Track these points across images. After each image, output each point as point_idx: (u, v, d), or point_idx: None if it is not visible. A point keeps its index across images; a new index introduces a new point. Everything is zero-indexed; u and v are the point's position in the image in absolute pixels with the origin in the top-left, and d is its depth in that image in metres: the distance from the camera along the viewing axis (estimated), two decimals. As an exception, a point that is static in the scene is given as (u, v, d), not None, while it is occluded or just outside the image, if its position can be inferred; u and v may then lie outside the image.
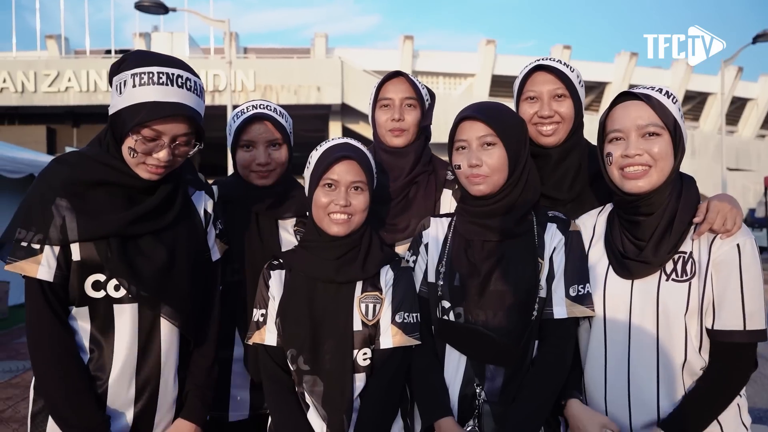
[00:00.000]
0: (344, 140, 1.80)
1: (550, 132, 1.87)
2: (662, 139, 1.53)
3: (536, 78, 1.90)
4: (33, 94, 21.21)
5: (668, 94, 1.57)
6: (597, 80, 30.17)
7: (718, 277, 1.50)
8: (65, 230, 1.47)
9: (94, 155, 1.54)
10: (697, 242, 1.55)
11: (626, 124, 1.55)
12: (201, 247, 1.72)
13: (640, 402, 1.56)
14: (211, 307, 1.75)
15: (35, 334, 1.49)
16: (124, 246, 1.51)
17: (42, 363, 1.50)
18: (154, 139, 1.47)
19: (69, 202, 1.48)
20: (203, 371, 1.71)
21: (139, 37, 25.92)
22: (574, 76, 1.89)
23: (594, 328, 1.64)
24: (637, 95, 1.57)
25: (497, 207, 1.69)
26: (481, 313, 1.65)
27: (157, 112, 1.44)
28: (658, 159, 1.52)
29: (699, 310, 1.51)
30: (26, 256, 1.46)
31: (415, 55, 28.73)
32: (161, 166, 1.51)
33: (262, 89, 21.54)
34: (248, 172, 1.97)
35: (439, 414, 1.66)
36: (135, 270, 1.51)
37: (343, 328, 1.67)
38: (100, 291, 1.51)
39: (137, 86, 1.45)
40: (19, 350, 6.78)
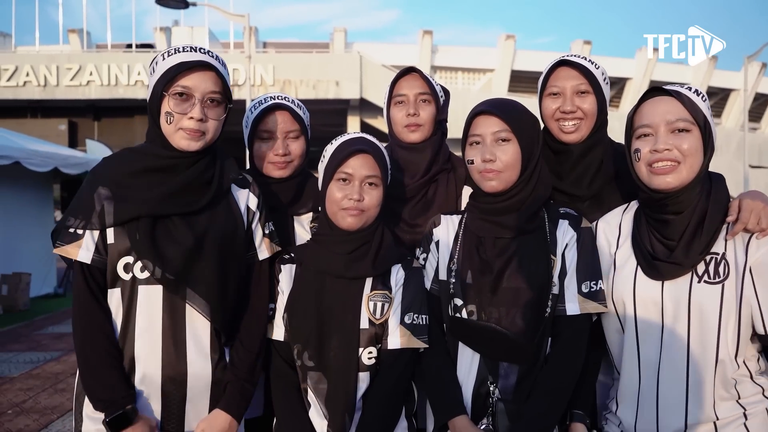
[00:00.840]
0: (360, 135, 1.79)
1: (572, 129, 1.86)
2: (692, 135, 1.50)
3: (560, 73, 1.89)
4: (55, 87, 21.48)
5: (698, 92, 1.55)
6: (617, 76, 29.81)
7: (760, 281, 1.47)
8: (103, 216, 1.60)
9: (138, 148, 1.70)
10: (731, 243, 1.51)
11: (655, 120, 1.53)
12: (239, 240, 1.73)
13: (668, 407, 1.54)
14: (255, 303, 1.76)
15: (75, 311, 1.62)
16: (153, 229, 1.60)
17: (77, 337, 1.61)
18: (187, 98, 1.60)
19: (109, 191, 1.61)
20: (245, 365, 1.71)
21: (159, 31, 26.11)
22: (599, 73, 1.88)
23: (627, 330, 1.62)
24: (667, 91, 1.54)
25: (509, 204, 1.68)
26: (494, 310, 1.64)
27: (185, 65, 1.59)
28: (688, 155, 1.49)
29: (737, 313, 1.48)
30: (71, 241, 1.60)
31: (434, 50, 28.61)
32: (196, 129, 1.61)
33: (281, 84, 21.60)
34: (266, 164, 1.97)
35: (454, 412, 1.66)
36: (160, 252, 1.58)
37: (350, 325, 1.67)
38: (129, 273, 1.61)
39: (166, 59, 1.61)
40: (40, 342, 6.89)
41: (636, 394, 1.60)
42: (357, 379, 1.66)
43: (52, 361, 5.99)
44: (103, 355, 1.59)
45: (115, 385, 1.57)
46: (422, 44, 27.89)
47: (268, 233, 1.82)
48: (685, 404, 1.52)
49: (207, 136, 1.64)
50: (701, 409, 1.51)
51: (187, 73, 1.59)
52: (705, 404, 1.50)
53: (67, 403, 4.68)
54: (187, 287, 1.62)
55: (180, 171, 1.65)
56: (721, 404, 1.51)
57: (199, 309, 1.63)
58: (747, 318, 1.49)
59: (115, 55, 22.83)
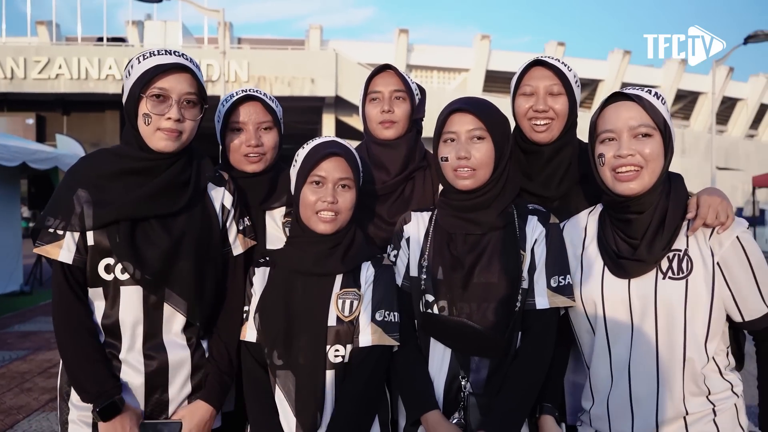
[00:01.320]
0: (331, 138, 1.81)
1: (544, 128, 1.89)
2: (654, 140, 1.54)
3: (534, 73, 1.92)
4: (23, 80, 21.03)
5: (657, 95, 1.59)
6: (590, 77, 30.23)
7: (730, 273, 1.52)
8: (83, 218, 1.64)
9: (115, 150, 1.75)
10: (693, 239, 1.56)
11: (618, 125, 1.56)
12: (215, 239, 1.79)
13: (641, 404, 1.57)
14: (231, 298, 1.81)
15: (56, 309, 1.67)
16: (132, 231, 1.65)
17: (60, 334, 1.67)
18: (163, 99, 1.64)
19: (88, 193, 1.65)
20: (224, 358, 1.78)
21: (131, 25, 25.72)
22: (571, 75, 1.92)
23: (597, 329, 1.65)
24: (628, 96, 1.58)
25: (479, 201, 1.71)
26: (465, 305, 1.66)
27: (160, 68, 1.64)
28: (650, 160, 1.53)
29: (705, 308, 1.53)
30: (51, 241, 1.65)
31: (410, 48, 28.70)
32: (174, 129, 1.65)
33: (255, 80, 21.45)
34: (239, 157, 1.96)
35: (426, 408, 1.66)
36: (139, 254, 1.64)
37: (318, 322, 1.68)
38: (110, 274, 1.66)
39: (142, 62, 1.66)
40: (5, 340, 6.75)
41: (608, 392, 1.62)
42: (325, 377, 1.66)
43: (18, 360, 5.87)
44: (89, 350, 1.65)
45: (103, 377, 1.63)
46: (398, 43, 27.95)
47: (242, 229, 1.87)
48: (656, 400, 1.55)
49: (183, 136, 1.68)
50: (671, 405, 1.54)
51: (164, 75, 1.64)
52: (675, 399, 1.54)
53: (34, 403, 4.60)
54: (165, 287, 1.68)
55: (157, 173, 1.69)
56: (691, 399, 1.54)
57: (177, 308, 1.70)
58: (719, 311, 1.54)
59: (85, 48, 22.42)
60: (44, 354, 6.01)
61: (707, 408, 1.54)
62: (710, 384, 1.55)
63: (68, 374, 1.68)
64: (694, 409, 1.54)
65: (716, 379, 1.56)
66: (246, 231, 1.88)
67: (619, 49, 30.30)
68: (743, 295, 1.53)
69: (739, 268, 1.52)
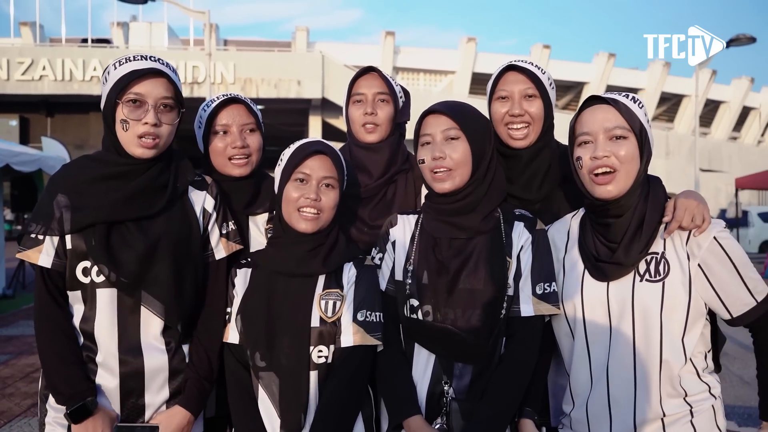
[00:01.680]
0: (317, 139, 1.82)
1: (521, 135, 1.90)
2: (628, 142, 1.56)
3: (508, 78, 1.93)
4: (6, 82, 20.79)
5: (635, 100, 1.61)
6: (575, 80, 30.47)
7: (713, 273, 1.54)
8: (62, 223, 1.66)
9: (94, 156, 1.77)
10: (670, 242, 1.58)
11: (594, 127, 1.58)
12: (194, 243, 1.78)
13: (619, 406, 1.58)
14: (212, 302, 1.81)
15: (36, 312, 1.70)
16: (108, 234, 1.66)
17: (39, 337, 1.69)
18: (140, 104, 1.65)
19: (67, 199, 1.67)
20: (204, 362, 1.77)
21: (117, 26, 25.53)
22: (545, 78, 1.92)
23: (576, 332, 1.66)
24: (605, 99, 1.60)
25: (462, 205, 1.71)
26: (449, 311, 1.65)
27: (136, 74, 1.65)
28: (624, 162, 1.55)
29: (682, 310, 1.54)
30: (32, 246, 1.68)
31: (396, 51, 28.75)
32: (151, 134, 1.66)
33: (241, 82, 21.39)
34: (223, 161, 1.95)
35: (408, 412, 1.66)
36: (114, 257, 1.65)
37: (301, 323, 1.67)
38: (87, 277, 1.68)
39: (118, 68, 1.68)
40: (-13, 343, 6.64)
41: (587, 396, 1.63)
42: (308, 378, 1.66)
43: (0, 365, 5.78)
44: (64, 353, 1.66)
45: (75, 380, 1.64)
46: (384, 45, 27.99)
47: (226, 233, 1.86)
48: (634, 402, 1.56)
49: (161, 141, 1.70)
50: (649, 406, 1.55)
51: (140, 81, 1.65)
52: (652, 401, 1.55)
53: (15, 408, 4.53)
54: (142, 290, 1.68)
55: (134, 177, 1.70)
56: (668, 401, 1.55)
57: (154, 310, 1.70)
58: (696, 314, 1.55)
59: (69, 50, 22.22)
60: (26, 359, 5.93)
61: (684, 409, 1.56)
62: (687, 386, 1.56)
63: (44, 376, 1.70)
64: (671, 410, 1.55)
65: (693, 380, 1.58)
66: (230, 235, 1.87)
67: (603, 52, 30.56)
68: (728, 292, 1.54)
69: (720, 268, 1.54)
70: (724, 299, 1.55)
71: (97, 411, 1.63)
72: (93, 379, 1.68)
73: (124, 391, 1.69)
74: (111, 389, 1.69)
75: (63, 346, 1.66)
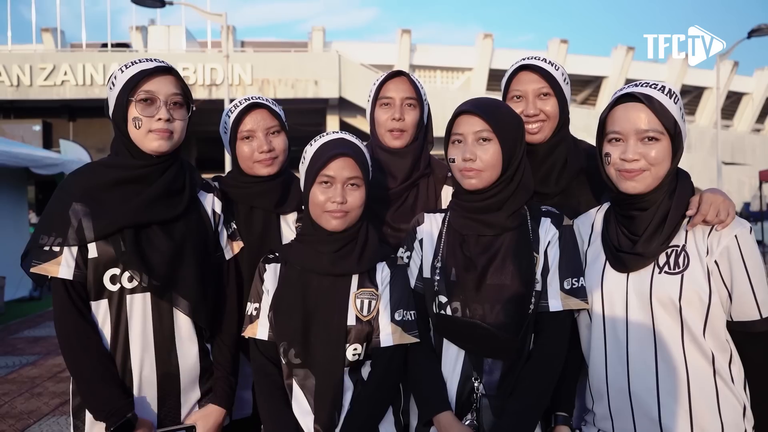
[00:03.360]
0: (339, 135, 1.80)
1: (536, 130, 1.90)
2: (660, 144, 1.54)
3: (521, 77, 1.93)
4: (28, 87, 21.13)
5: (670, 93, 1.57)
6: (594, 74, 30.17)
7: (727, 271, 1.52)
8: (81, 232, 1.63)
9: (106, 161, 1.76)
10: (691, 235, 1.56)
11: (626, 127, 1.56)
12: (210, 244, 1.83)
13: (641, 398, 1.57)
14: (226, 301, 1.86)
15: (61, 327, 1.65)
16: (136, 238, 1.66)
17: (68, 353, 1.65)
18: (151, 102, 1.67)
19: (84, 206, 1.65)
20: (227, 360, 1.82)
21: (135, 30, 25.82)
22: (559, 74, 1.91)
23: (594, 324, 1.66)
24: (638, 98, 1.56)
25: (490, 203, 1.70)
26: (478, 307, 1.65)
27: (145, 72, 1.67)
28: (655, 164, 1.54)
29: (701, 302, 1.52)
30: (48, 259, 1.64)
31: (413, 48, 28.69)
32: (165, 129, 1.68)
33: (259, 83, 21.49)
34: (252, 164, 1.97)
35: (438, 408, 1.67)
36: (145, 261, 1.66)
37: (337, 322, 1.68)
38: (116, 284, 1.66)
39: (124, 71, 1.69)
40: (15, 345, 6.78)
41: (606, 388, 1.63)
42: (344, 376, 1.67)
43: (29, 366, 5.89)
44: (98, 368, 1.64)
45: (114, 396, 1.63)
46: (401, 43, 27.95)
47: (231, 233, 1.93)
48: (657, 396, 1.55)
49: (175, 136, 1.72)
50: (673, 400, 1.53)
51: (149, 79, 1.68)
52: (677, 394, 1.53)
53: (44, 407, 4.62)
54: (173, 292, 1.71)
55: (152, 180, 1.71)
56: (694, 393, 1.53)
57: (184, 310, 1.72)
58: (717, 308, 1.53)
59: (90, 55, 22.50)
60: (54, 359, 6.03)
61: (713, 403, 1.53)
62: (716, 380, 1.54)
63: (80, 392, 1.68)
64: (698, 404, 1.53)
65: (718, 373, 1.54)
66: (234, 235, 1.93)
67: (622, 46, 30.21)
68: (737, 293, 1.52)
69: (734, 268, 1.52)
70: (733, 299, 1.53)
71: (138, 425, 1.64)
72: (129, 388, 1.67)
73: (161, 395, 1.71)
74: (149, 395, 1.70)
75: (97, 362, 1.64)
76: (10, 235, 8.85)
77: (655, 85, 1.59)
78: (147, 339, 1.69)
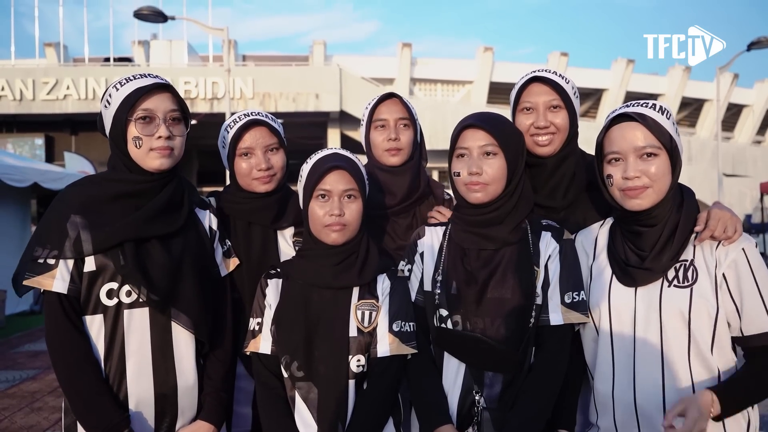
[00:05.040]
0: (333, 151, 1.82)
1: (546, 142, 1.89)
2: (659, 159, 1.56)
3: (532, 89, 1.92)
4: (31, 102, 21.22)
5: (662, 110, 1.59)
6: (594, 87, 30.25)
7: (734, 285, 1.53)
8: (79, 244, 1.60)
9: (105, 175, 1.73)
10: (699, 250, 1.57)
11: (623, 146, 1.58)
12: (209, 258, 1.82)
13: (647, 413, 1.56)
14: (222, 316, 1.84)
15: (54, 342, 1.61)
16: (136, 252, 1.63)
17: (61, 368, 1.61)
18: (150, 120, 1.65)
19: (83, 218, 1.62)
20: (220, 375, 1.79)
21: (138, 45, 25.95)
22: (569, 87, 1.91)
23: (601, 337, 1.65)
24: (631, 117, 1.58)
25: (492, 216, 1.71)
26: (479, 320, 1.66)
27: (142, 90, 1.65)
28: (656, 179, 1.55)
29: (709, 316, 1.52)
30: (42, 271, 1.59)
31: (413, 62, 28.80)
32: (165, 147, 1.66)
33: (260, 97, 21.57)
34: (250, 181, 1.97)
35: (439, 421, 1.66)
36: (146, 275, 1.63)
37: (339, 333, 1.68)
38: (113, 299, 1.63)
39: (120, 89, 1.67)
40: (16, 360, 6.75)
41: (612, 401, 1.62)
42: (348, 387, 1.67)
43: (29, 380, 5.87)
44: (94, 383, 1.60)
45: (110, 411, 1.59)
46: (401, 57, 28.06)
47: (226, 250, 1.92)
48: (663, 406, 1.54)
49: (175, 152, 1.71)
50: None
51: (146, 97, 1.66)
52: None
53: (44, 422, 4.60)
54: (172, 307, 1.68)
55: (152, 195, 1.70)
56: None
57: (184, 325, 1.70)
58: (723, 323, 1.53)
59: (92, 69, 22.62)
60: (54, 373, 6.00)
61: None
62: None
63: (73, 409, 1.62)
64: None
65: None
66: (228, 252, 1.92)
67: (622, 58, 30.31)
68: (747, 307, 1.52)
69: (743, 281, 1.52)
70: (741, 314, 1.53)
71: None
72: (125, 404, 1.64)
73: (158, 412, 1.68)
74: (145, 411, 1.66)
75: (91, 377, 1.60)
76: (13, 248, 8.85)
77: (646, 103, 1.61)
78: (144, 354, 1.65)
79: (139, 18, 13.45)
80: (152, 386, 1.67)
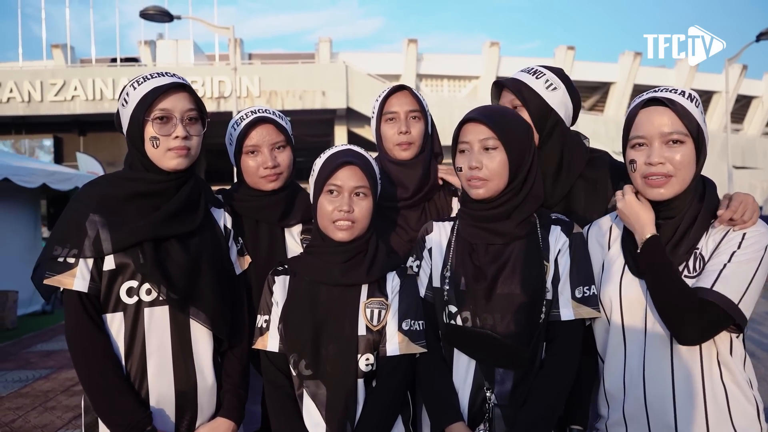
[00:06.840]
0: (347, 147, 1.81)
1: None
2: (685, 147, 1.53)
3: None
4: (40, 103, 21.33)
5: (692, 98, 1.57)
6: (601, 80, 30.09)
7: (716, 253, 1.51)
8: (99, 243, 1.61)
9: (122, 174, 1.74)
10: (704, 240, 1.56)
11: (650, 131, 1.55)
12: (225, 256, 1.83)
13: (656, 405, 1.55)
14: (239, 314, 1.84)
15: (75, 341, 1.61)
16: (155, 251, 1.64)
17: (83, 366, 1.61)
18: (167, 120, 1.65)
19: (102, 217, 1.63)
20: (238, 372, 1.80)
21: (144, 45, 26.04)
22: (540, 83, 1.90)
23: (612, 328, 1.64)
24: (661, 101, 1.56)
25: (497, 212, 1.69)
26: (488, 316, 1.65)
27: (159, 90, 1.65)
28: (680, 168, 1.52)
29: None
30: (63, 270, 1.60)
31: (419, 58, 28.74)
32: (183, 146, 1.66)
33: (267, 95, 21.59)
34: (257, 179, 1.98)
35: (450, 419, 1.66)
36: (165, 273, 1.64)
37: (348, 332, 1.68)
38: (133, 297, 1.64)
39: (137, 88, 1.67)
40: (29, 360, 6.81)
41: (623, 393, 1.61)
42: (357, 386, 1.67)
43: (41, 379, 5.92)
44: (116, 381, 1.61)
45: (133, 409, 1.60)
46: (407, 53, 28.01)
47: (239, 248, 1.93)
48: (673, 400, 1.53)
49: (192, 152, 1.71)
50: (690, 405, 1.52)
51: (164, 97, 1.65)
52: (693, 397, 1.52)
53: (57, 421, 4.63)
54: (191, 305, 1.69)
55: (170, 194, 1.71)
56: (711, 401, 1.51)
57: (203, 323, 1.71)
58: None
59: (99, 70, 22.72)
60: (67, 372, 6.05)
61: (724, 407, 1.52)
62: (727, 384, 1.53)
63: (95, 407, 1.63)
64: (713, 409, 1.51)
65: (733, 380, 1.53)
66: (242, 251, 1.93)
67: (629, 51, 30.12)
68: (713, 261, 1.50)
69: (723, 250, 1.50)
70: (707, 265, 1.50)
71: None
72: (146, 402, 1.65)
73: (179, 410, 1.69)
74: (167, 408, 1.68)
75: (113, 375, 1.61)
76: (24, 249, 8.92)
77: (676, 90, 1.58)
78: (164, 352, 1.67)
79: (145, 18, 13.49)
80: (173, 384, 1.68)
